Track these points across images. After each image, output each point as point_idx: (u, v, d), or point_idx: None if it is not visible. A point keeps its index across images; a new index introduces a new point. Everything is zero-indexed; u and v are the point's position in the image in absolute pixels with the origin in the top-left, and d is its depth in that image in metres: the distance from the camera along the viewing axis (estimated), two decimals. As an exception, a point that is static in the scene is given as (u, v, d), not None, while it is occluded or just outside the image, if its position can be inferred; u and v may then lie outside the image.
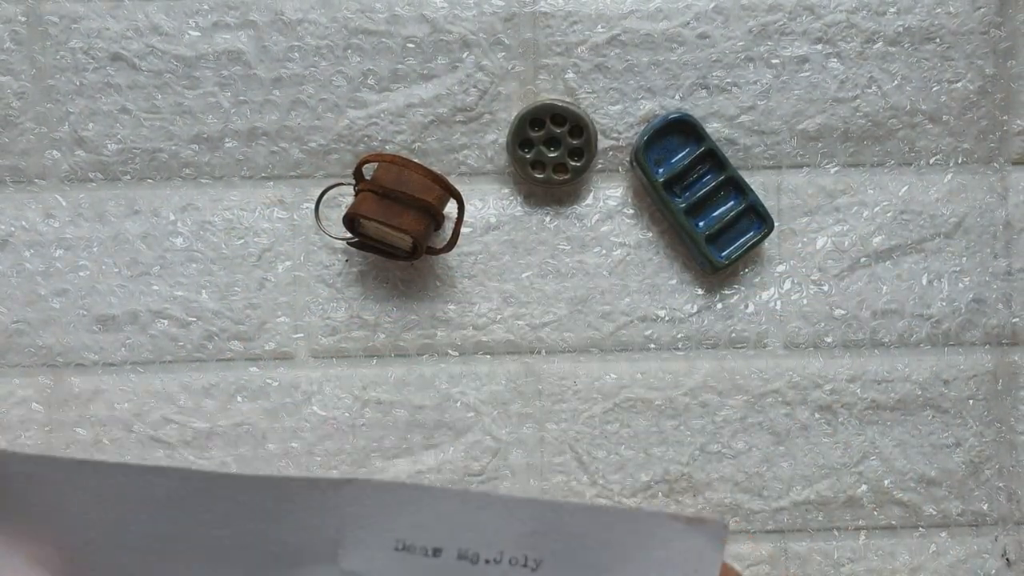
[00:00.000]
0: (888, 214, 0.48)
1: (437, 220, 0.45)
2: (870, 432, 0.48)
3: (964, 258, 0.49)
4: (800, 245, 0.48)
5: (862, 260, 0.48)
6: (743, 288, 0.48)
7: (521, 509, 0.21)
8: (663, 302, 0.48)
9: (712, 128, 0.48)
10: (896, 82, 0.48)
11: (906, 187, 0.48)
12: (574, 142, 0.46)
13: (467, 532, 0.21)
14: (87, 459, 0.28)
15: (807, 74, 0.48)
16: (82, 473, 0.24)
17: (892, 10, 0.48)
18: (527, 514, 0.21)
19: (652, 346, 0.48)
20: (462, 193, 0.45)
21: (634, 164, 0.47)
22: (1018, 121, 0.49)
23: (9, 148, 0.47)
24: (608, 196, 0.48)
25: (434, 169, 0.46)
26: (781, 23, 0.48)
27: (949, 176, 0.49)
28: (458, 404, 0.48)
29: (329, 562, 0.22)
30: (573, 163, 0.47)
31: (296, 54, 0.47)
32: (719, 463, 0.48)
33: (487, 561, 0.21)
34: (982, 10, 0.48)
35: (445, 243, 0.46)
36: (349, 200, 0.47)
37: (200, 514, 0.22)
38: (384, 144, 0.47)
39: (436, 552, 0.21)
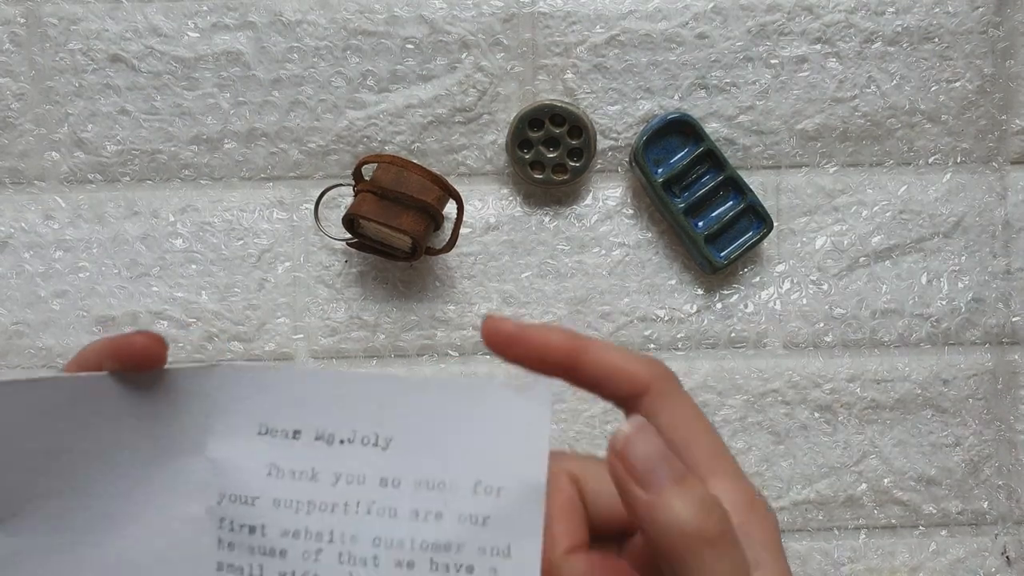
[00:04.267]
0: (887, 214, 0.48)
1: (436, 221, 0.45)
2: (870, 431, 0.48)
3: (963, 257, 0.49)
4: (799, 245, 0.48)
5: (861, 260, 0.48)
6: (742, 288, 0.48)
7: (372, 385, 0.23)
8: (663, 302, 0.48)
9: (711, 128, 0.48)
10: (895, 82, 0.48)
11: (905, 187, 0.48)
12: (573, 142, 0.46)
13: (324, 412, 0.23)
14: None
15: (806, 74, 0.48)
16: None
17: (891, 10, 0.48)
18: (377, 390, 0.23)
19: (652, 346, 0.48)
20: (461, 194, 0.45)
21: (633, 164, 0.47)
22: (1017, 121, 0.49)
23: (8, 150, 0.47)
24: (607, 196, 0.48)
25: (433, 170, 0.46)
26: (780, 23, 0.48)
27: (948, 176, 0.49)
28: (458, 404, 0.47)
29: (197, 452, 0.23)
30: (572, 163, 0.47)
31: (295, 55, 0.47)
32: (719, 463, 0.48)
33: (341, 441, 0.23)
34: (980, 10, 0.48)
35: (444, 243, 0.46)
36: (348, 201, 0.47)
37: (85, 419, 0.23)
38: (383, 145, 0.47)
39: (296, 434, 0.23)
